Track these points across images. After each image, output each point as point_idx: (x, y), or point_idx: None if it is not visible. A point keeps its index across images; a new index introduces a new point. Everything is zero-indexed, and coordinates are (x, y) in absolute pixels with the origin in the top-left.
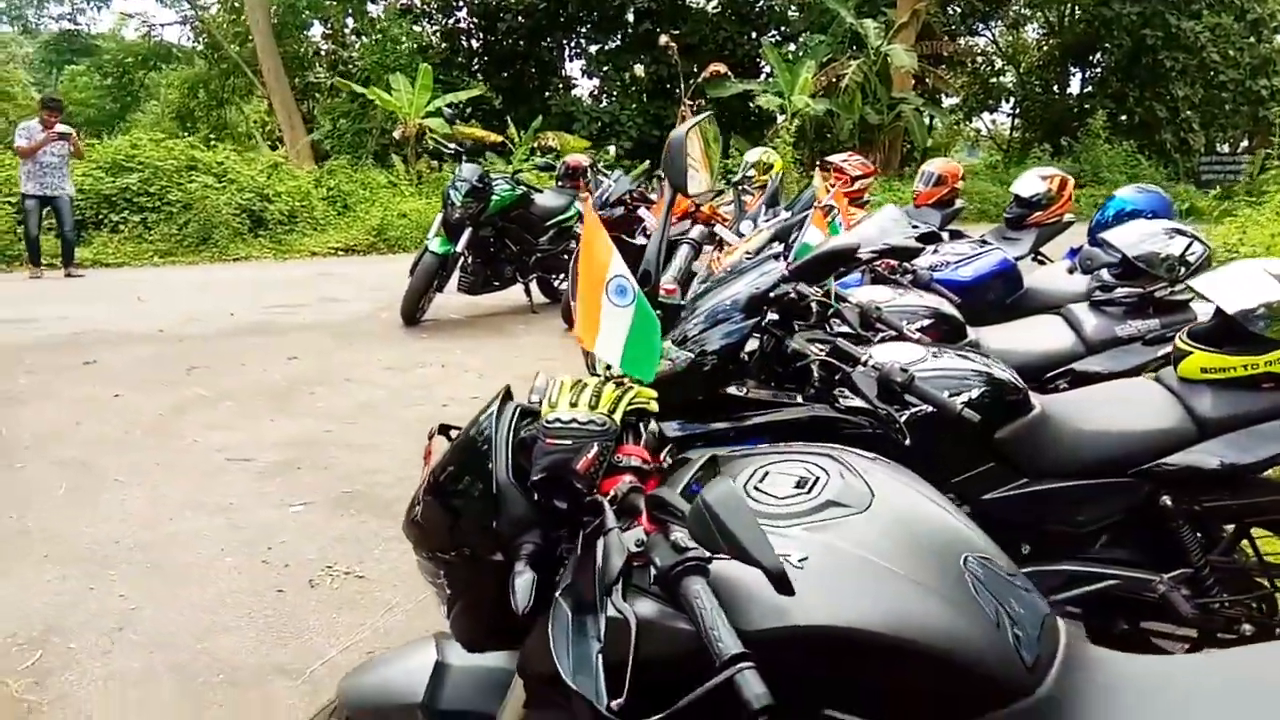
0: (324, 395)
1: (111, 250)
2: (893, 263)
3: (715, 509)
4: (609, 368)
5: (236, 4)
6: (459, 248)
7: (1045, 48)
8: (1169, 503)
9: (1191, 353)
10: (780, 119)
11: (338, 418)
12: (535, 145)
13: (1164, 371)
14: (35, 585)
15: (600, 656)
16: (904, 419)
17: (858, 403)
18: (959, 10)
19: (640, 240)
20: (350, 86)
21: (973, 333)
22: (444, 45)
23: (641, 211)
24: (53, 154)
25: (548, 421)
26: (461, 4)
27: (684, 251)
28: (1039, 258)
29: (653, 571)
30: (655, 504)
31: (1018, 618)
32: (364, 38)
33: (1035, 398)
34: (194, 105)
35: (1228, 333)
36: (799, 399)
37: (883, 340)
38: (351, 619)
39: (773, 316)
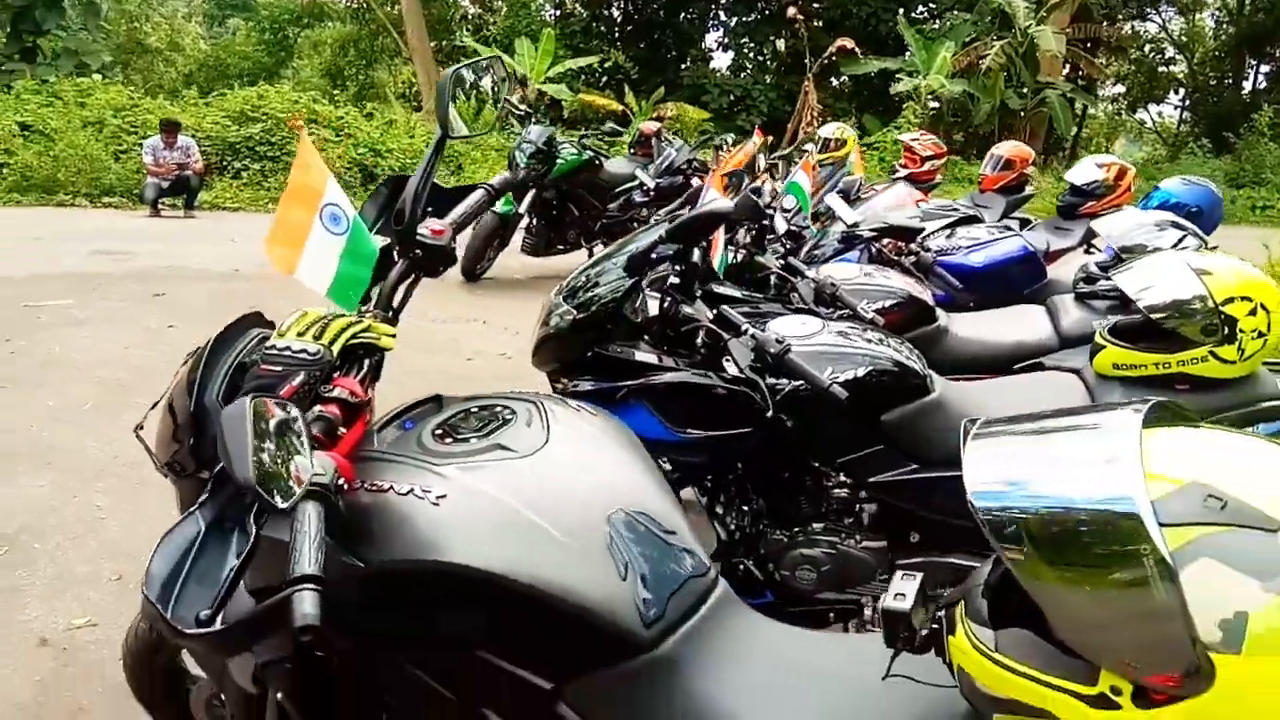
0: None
1: (230, 195)
2: (900, 244)
3: (223, 425)
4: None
5: None
6: (521, 209)
7: (1223, 37)
8: None
9: (1106, 347)
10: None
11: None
12: (655, 115)
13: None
14: (29, 489)
15: (233, 570)
16: (786, 390)
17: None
18: None
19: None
20: (476, 48)
21: (944, 318)
22: (585, 13)
23: (695, 180)
24: (176, 167)
25: (267, 348)
26: None
27: (476, 196)
28: (1090, 249)
29: None
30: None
31: (653, 577)
32: (503, 3)
33: (940, 384)
34: (344, 64)
35: (1147, 329)
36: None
37: (840, 316)
38: None
39: (673, 280)
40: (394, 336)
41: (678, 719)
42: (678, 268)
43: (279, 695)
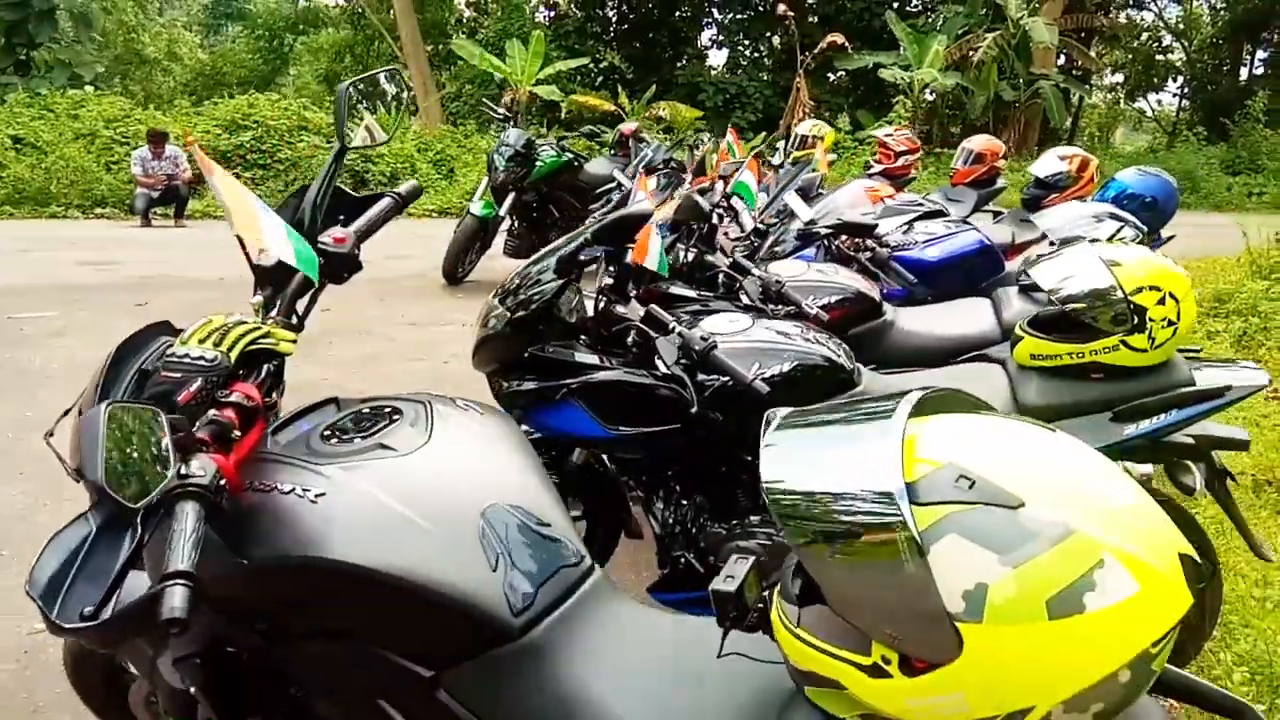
0: (339, 345)
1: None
2: (858, 240)
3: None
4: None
5: None
6: (501, 211)
7: (1219, 23)
8: None
9: (1024, 338)
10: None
11: (341, 366)
12: (647, 115)
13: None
14: (2, 497)
15: (121, 568)
16: (715, 386)
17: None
18: None
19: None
20: (467, 51)
21: (890, 312)
22: (579, 14)
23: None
24: (166, 177)
25: (168, 355)
26: None
27: (383, 203)
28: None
29: None
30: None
31: (524, 567)
32: (496, 5)
33: (867, 378)
34: (340, 70)
35: (1063, 320)
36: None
37: (786, 314)
38: None
39: (607, 281)
40: (294, 343)
41: (544, 703)
42: (611, 269)
43: (192, 689)
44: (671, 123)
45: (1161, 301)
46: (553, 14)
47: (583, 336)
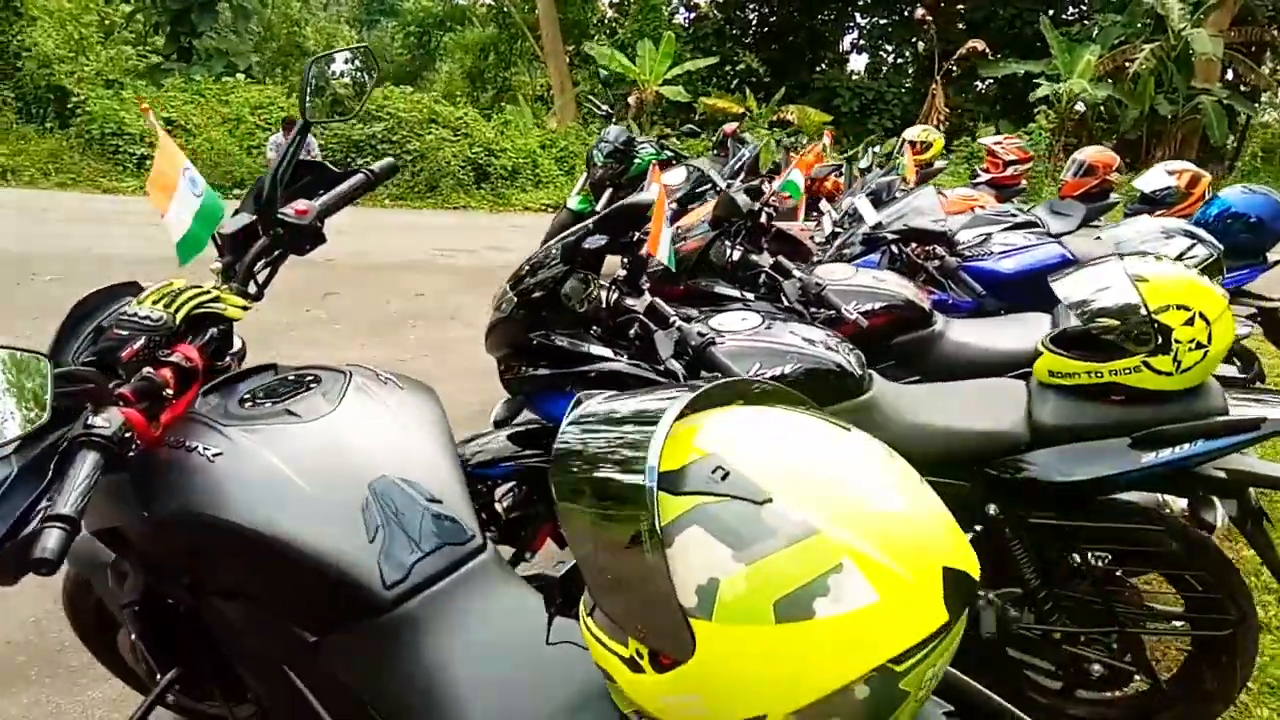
0: (423, 329)
1: None
2: (928, 248)
3: None
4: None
5: None
6: (597, 206)
7: None
8: (994, 511)
9: (1043, 354)
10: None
11: (419, 349)
12: (775, 118)
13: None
14: None
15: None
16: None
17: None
18: None
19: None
20: (598, 51)
21: (941, 323)
22: (719, 15)
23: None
24: None
25: (120, 314)
26: None
27: (354, 179)
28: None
29: None
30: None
31: (403, 541)
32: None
33: (878, 386)
34: (484, 67)
35: (1085, 338)
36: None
37: (826, 319)
38: None
39: (621, 273)
40: (245, 308)
41: (406, 676)
42: (626, 260)
43: (132, 636)
44: (799, 126)
45: (1190, 322)
46: (693, 15)
47: (595, 328)
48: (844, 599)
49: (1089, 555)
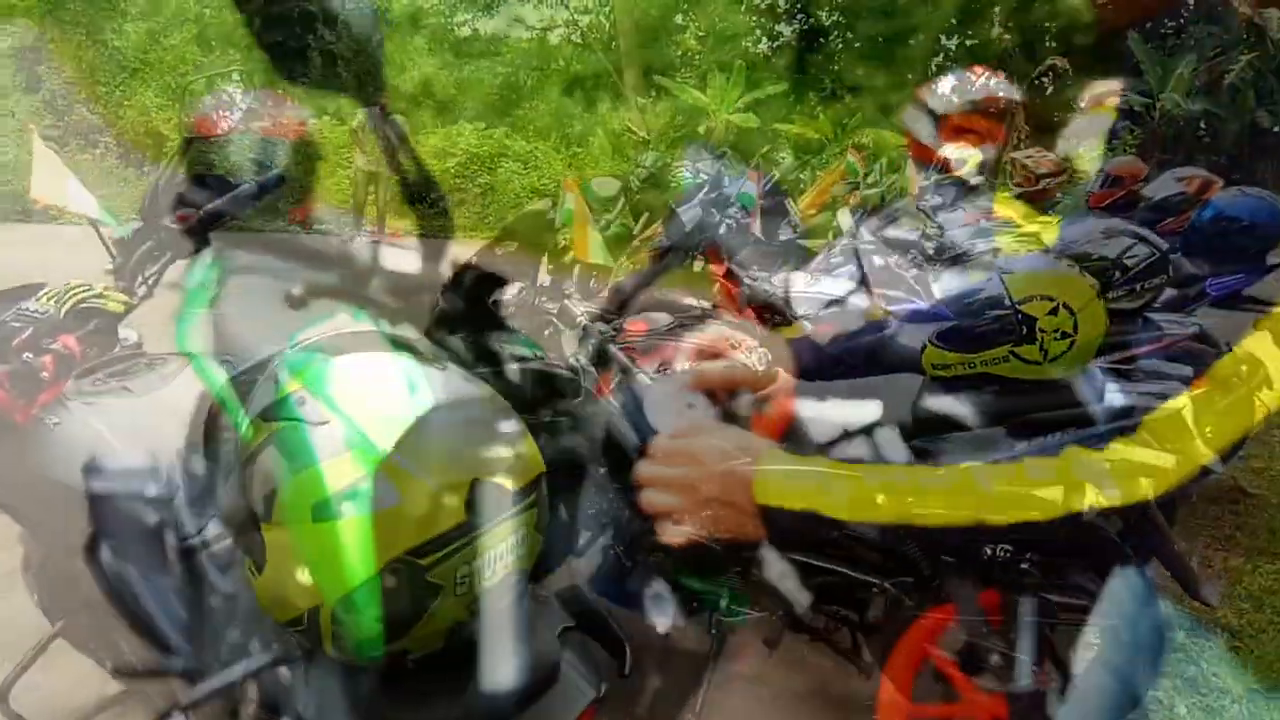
0: None
1: (424, 223)
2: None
3: None
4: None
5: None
6: (635, 229)
7: None
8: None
9: (927, 347)
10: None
11: None
12: (851, 143)
13: None
14: None
15: None
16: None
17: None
18: None
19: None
20: (667, 84)
21: (894, 326)
22: (801, 43)
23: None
24: None
25: (18, 309)
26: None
27: (243, 189)
28: None
29: None
30: None
31: (201, 505)
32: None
33: (781, 380)
34: (568, 103)
35: (966, 331)
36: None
37: (775, 324)
38: None
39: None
40: (125, 304)
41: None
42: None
43: None
44: (874, 150)
45: (1054, 312)
46: (775, 44)
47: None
48: (369, 501)
49: None
